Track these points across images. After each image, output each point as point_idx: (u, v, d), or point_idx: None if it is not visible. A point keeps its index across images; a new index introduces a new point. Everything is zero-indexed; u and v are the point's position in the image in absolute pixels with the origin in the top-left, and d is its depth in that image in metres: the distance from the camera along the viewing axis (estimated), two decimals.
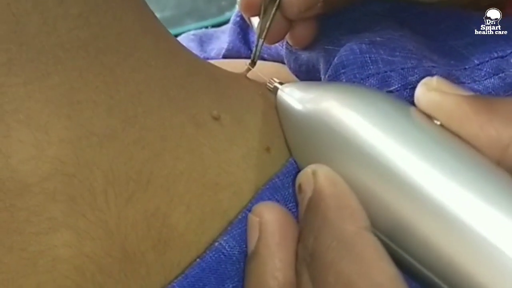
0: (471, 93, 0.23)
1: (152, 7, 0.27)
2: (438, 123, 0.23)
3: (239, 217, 0.24)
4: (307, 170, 0.24)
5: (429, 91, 0.23)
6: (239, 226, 0.24)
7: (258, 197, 0.25)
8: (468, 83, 0.29)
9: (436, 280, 0.21)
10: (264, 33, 0.31)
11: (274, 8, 0.30)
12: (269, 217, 0.23)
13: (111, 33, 0.23)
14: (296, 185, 0.24)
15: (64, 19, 0.22)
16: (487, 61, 0.29)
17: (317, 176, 0.23)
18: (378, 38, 0.29)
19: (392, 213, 0.21)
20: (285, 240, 0.23)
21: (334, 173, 0.23)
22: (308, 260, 0.22)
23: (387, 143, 0.22)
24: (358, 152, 0.22)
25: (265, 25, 0.31)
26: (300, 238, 0.23)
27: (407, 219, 0.21)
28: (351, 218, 0.21)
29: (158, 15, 0.27)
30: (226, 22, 0.48)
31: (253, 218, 0.24)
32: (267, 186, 0.25)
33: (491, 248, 0.19)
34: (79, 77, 0.22)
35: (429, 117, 0.23)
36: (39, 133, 0.21)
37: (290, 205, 0.25)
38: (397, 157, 0.22)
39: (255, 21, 0.33)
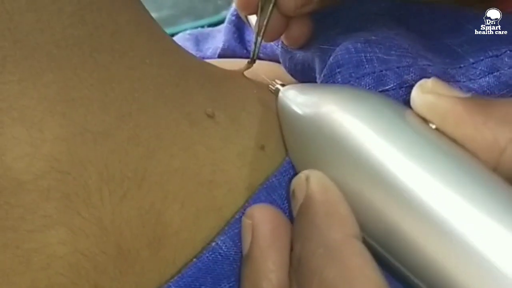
0: (467, 95, 0.23)
1: (149, 6, 0.27)
2: (434, 126, 0.23)
3: (236, 216, 0.24)
4: (301, 176, 0.24)
5: (424, 93, 0.23)
6: (236, 226, 0.24)
7: (255, 196, 0.25)
8: (463, 82, 0.29)
9: (425, 287, 0.21)
10: (262, 31, 0.31)
11: (271, 5, 0.30)
12: (261, 220, 0.23)
13: (106, 32, 0.23)
14: (290, 190, 0.24)
15: (58, 17, 0.22)
16: (482, 59, 0.30)
17: (309, 182, 0.23)
18: (373, 37, 0.29)
19: (384, 218, 0.21)
20: (278, 242, 0.23)
21: (327, 179, 0.23)
22: (295, 265, 0.22)
23: (381, 147, 0.22)
24: (354, 156, 0.22)
25: (263, 22, 0.31)
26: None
27: (398, 224, 0.21)
28: (339, 225, 0.21)
29: (155, 14, 0.27)
30: (222, 21, 0.49)
31: (246, 221, 0.24)
32: (264, 186, 0.25)
33: (481, 257, 0.19)
34: (74, 74, 0.22)
35: (425, 120, 0.23)
36: (33, 131, 0.21)
37: (288, 204, 0.25)
38: (391, 162, 0.21)
39: (253, 19, 0.33)
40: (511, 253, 0.18)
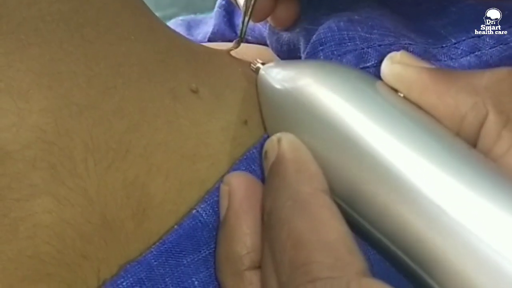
0: (433, 66, 0.24)
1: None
2: (402, 95, 0.24)
3: (216, 185, 0.25)
4: (273, 138, 0.24)
5: (393, 64, 0.24)
6: (216, 194, 0.25)
7: (236, 167, 0.26)
8: (445, 61, 0.29)
9: (390, 245, 0.21)
10: (250, 11, 0.31)
11: None
12: (237, 186, 0.24)
13: (91, 8, 0.24)
14: (263, 152, 0.25)
15: None
16: (464, 40, 0.30)
17: (281, 143, 0.24)
18: (356, 17, 0.30)
19: (353, 180, 0.22)
20: (252, 207, 0.24)
21: (297, 140, 0.24)
22: (266, 220, 0.23)
23: (352, 115, 0.23)
24: (327, 124, 0.23)
25: (251, 2, 0.31)
26: None
27: (366, 185, 0.22)
28: (308, 180, 0.22)
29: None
30: None
31: (223, 188, 0.24)
32: (245, 157, 0.26)
33: (443, 215, 0.19)
34: (60, 48, 0.23)
35: (394, 90, 0.24)
36: (20, 102, 0.22)
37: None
38: (360, 127, 0.22)
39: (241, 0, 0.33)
40: (468, 207, 0.19)
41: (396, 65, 0.24)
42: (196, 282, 0.24)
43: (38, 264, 0.22)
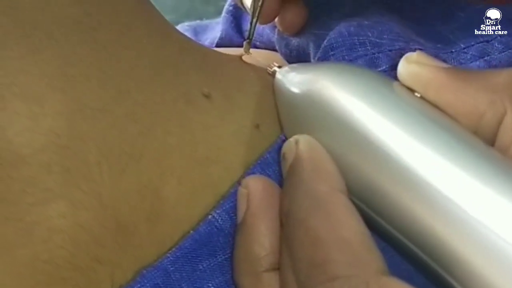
0: (450, 66, 0.24)
1: None
2: (418, 95, 0.24)
3: (231, 191, 0.25)
4: (290, 140, 0.25)
5: (409, 63, 0.24)
6: (231, 200, 0.25)
7: (250, 172, 0.26)
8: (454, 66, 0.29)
9: (409, 244, 0.21)
10: (257, 12, 0.32)
11: None
12: (256, 188, 0.24)
13: (104, 12, 0.24)
14: (281, 154, 0.25)
15: None
16: (473, 45, 0.30)
17: (298, 144, 0.24)
18: (366, 22, 0.30)
19: (372, 181, 0.22)
20: (270, 209, 0.24)
21: (314, 141, 0.24)
22: (284, 220, 0.23)
23: (370, 117, 0.23)
24: (344, 125, 0.23)
25: (258, 4, 0.31)
26: None
27: (385, 186, 0.22)
28: (325, 179, 0.22)
29: None
30: None
31: (242, 190, 0.24)
32: (259, 162, 0.26)
33: (462, 214, 0.19)
34: (73, 52, 0.23)
35: (411, 90, 0.24)
36: (34, 106, 0.22)
37: (281, 179, 0.26)
38: (378, 128, 0.22)
39: (248, 2, 0.33)
40: (487, 205, 0.19)
41: (412, 65, 0.24)
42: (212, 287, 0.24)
43: (53, 268, 0.22)
